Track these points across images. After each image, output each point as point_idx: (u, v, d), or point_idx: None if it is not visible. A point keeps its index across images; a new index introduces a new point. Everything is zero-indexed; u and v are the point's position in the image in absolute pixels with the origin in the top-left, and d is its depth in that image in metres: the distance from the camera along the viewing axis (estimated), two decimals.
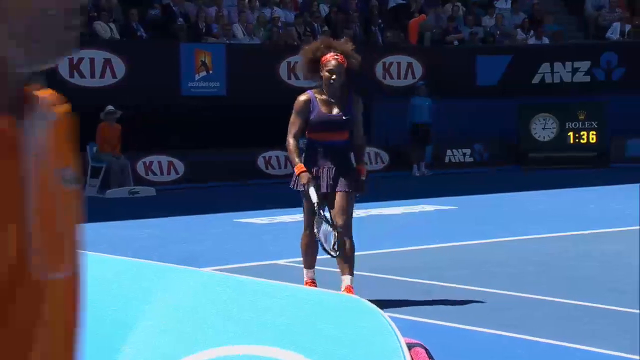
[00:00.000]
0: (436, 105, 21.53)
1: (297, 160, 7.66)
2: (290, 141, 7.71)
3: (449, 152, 23.73)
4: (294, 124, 7.74)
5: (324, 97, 7.69)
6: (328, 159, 7.72)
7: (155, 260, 2.60)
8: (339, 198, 7.70)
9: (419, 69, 23.58)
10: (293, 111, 7.75)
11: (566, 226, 12.81)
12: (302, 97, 7.76)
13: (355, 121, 7.84)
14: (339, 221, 7.61)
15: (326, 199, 7.73)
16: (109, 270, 2.83)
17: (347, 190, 7.69)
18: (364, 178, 7.87)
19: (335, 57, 7.59)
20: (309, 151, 7.97)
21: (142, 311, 2.59)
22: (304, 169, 7.58)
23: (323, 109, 7.67)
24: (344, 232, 7.63)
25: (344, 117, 7.68)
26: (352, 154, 8.06)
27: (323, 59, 7.60)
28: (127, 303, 2.65)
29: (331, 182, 7.69)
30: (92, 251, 3.05)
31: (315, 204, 7.57)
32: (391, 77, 23.43)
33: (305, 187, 7.55)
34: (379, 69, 23.07)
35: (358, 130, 7.92)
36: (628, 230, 12.09)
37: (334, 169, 7.71)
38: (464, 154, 24.23)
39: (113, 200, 17.73)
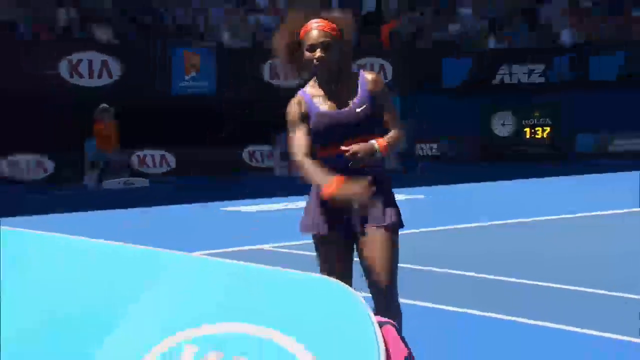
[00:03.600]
0: (405, 104, 21.54)
1: (319, 175, 4.10)
2: (302, 160, 4.20)
3: (417, 146, 23.79)
4: (296, 140, 4.30)
5: (319, 91, 4.34)
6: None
7: (150, 246, 2.62)
8: (379, 239, 4.19)
9: (389, 70, 23.64)
10: (288, 125, 4.38)
11: (516, 214, 12.82)
12: (291, 102, 4.37)
13: (383, 111, 4.33)
14: (380, 279, 4.17)
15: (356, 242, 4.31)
16: (110, 255, 2.81)
17: (388, 225, 4.21)
18: (376, 147, 4.21)
19: (319, 24, 4.24)
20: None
21: (137, 293, 2.58)
22: (341, 179, 4.02)
23: (322, 108, 4.28)
24: (388, 297, 4.20)
25: (357, 110, 4.21)
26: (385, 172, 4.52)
27: (301, 34, 4.28)
28: (123, 286, 2.64)
29: (362, 215, 4.21)
30: (90, 237, 3.03)
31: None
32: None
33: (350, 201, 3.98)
34: (353, 70, 22.97)
35: (393, 122, 4.36)
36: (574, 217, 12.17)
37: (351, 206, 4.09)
38: (431, 148, 24.42)
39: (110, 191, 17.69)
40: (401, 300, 4.22)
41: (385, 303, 4.15)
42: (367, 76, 4.42)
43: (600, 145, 22.98)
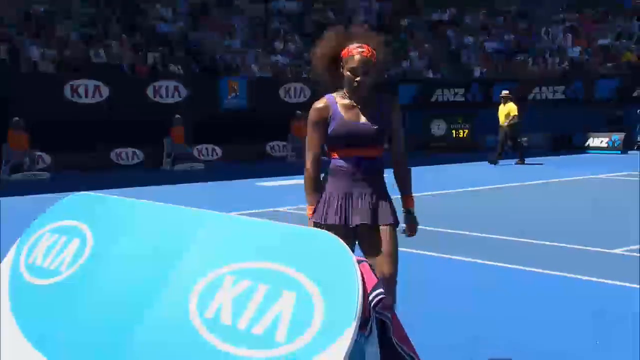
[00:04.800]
0: None
1: (310, 196, 3.45)
2: (308, 167, 3.49)
3: None
4: (311, 141, 3.52)
5: (346, 101, 3.49)
6: (359, 183, 3.44)
7: (207, 208, 2.56)
8: (383, 235, 3.41)
9: None
10: (308, 124, 3.54)
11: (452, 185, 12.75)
12: (318, 104, 3.52)
13: (392, 132, 3.53)
14: (387, 270, 3.35)
15: (356, 238, 3.43)
16: (171, 212, 2.71)
17: (392, 223, 3.43)
18: (412, 211, 3.56)
19: (360, 49, 3.41)
20: (331, 175, 3.48)
21: (189, 240, 2.47)
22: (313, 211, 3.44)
23: (346, 116, 3.45)
24: (391, 285, 3.34)
25: (374, 127, 3.43)
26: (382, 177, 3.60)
27: (344, 53, 3.45)
28: (179, 235, 2.53)
29: (366, 213, 3.40)
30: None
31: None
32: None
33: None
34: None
35: (397, 144, 3.58)
36: (491, 188, 12.09)
37: (366, 194, 3.43)
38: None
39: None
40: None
41: (389, 289, 3.26)
42: (387, 100, 3.55)
43: (516, 140, 23.15)
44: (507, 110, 17.26)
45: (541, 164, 17.69)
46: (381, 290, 2.05)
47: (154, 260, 2.49)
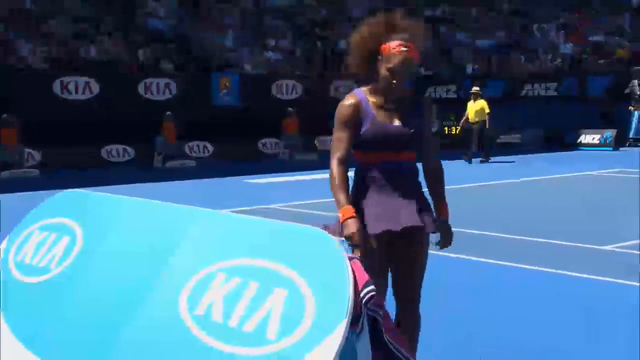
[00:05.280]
0: None
1: (342, 198, 2.92)
2: (334, 168, 2.98)
3: None
4: (338, 141, 3.03)
5: (379, 99, 3.07)
6: (393, 190, 3.01)
7: (197, 205, 2.54)
8: (418, 248, 3.08)
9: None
10: (335, 122, 3.09)
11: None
12: (348, 101, 3.09)
13: (425, 136, 3.14)
14: (412, 282, 3.11)
15: (391, 245, 3.01)
16: (161, 209, 2.71)
17: (433, 232, 3.08)
18: (447, 221, 3.15)
19: (404, 48, 2.98)
20: (361, 181, 3.08)
21: (181, 238, 2.47)
22: (353, 213, 2.87)
23: (379, 117, 3.04)
24: (416, 300, 3.14)
25: (408, 130, 3.05)
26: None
27: (384, 48, 3.01)
28: (171, 232, 2.53)
29: (411, 218, 2.99)
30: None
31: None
32: (338, 92, 23.38)
33: (355, 242, 2.82)
34: (332, 88, 23.06)
35: (430, 148, 3.19)
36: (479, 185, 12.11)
37: (406, 200, 3.02)
38: None
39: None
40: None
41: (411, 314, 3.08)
42: (427, 103, 3.21)
43: (492, 138, 23.08)
44: (478, 107, 17.17)
45: (513, 161, 17.59)
46: (372, 287, 2.05)
47: (145, 257, 2.48)
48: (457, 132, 23.29)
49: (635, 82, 23.36)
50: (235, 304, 2.11)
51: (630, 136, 22.48)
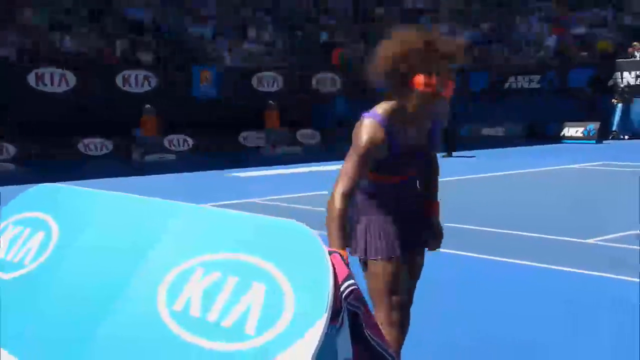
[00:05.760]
0: (351, 104, 21.49)
1: (339, 238, 2.54)
2: (338, 201, 2.62)
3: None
4: (356, 168, 2.67)
5: (402, 117, 2.79)
6: (407, 205, 2.94)
7: (178, 200, 2.52)
8: (420, 263, 3.07)
9: (338, 81, 23.52)
10: (354, 149, 2.72)
11: None
12: (373, 122, 2.76)
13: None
14: (414, 286, 3.11)
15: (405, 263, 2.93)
16: (141, 203, 2.69)
17: (429, 248, 3.11)
18: (439, 222, 3.12)
19: (440, 87, 2.74)
20: (370, 197, 2.89)
21: (160, 232, 2.46)
22: (347, 259, 2.25)
23: (404, 137, 2.81)
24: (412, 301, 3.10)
25: (432, 152, 3.05)
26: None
27: (418, 82, 2.72)
28: (150, 226, 2.51)
29: (423, 234, 3.05)
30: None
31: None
32: (319, 84, 23.34)
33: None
34: (313, 81, 23.06)
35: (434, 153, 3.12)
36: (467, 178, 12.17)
37: (413, 216, 2.98)
38: None
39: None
40: None
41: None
42: (444, 117, 2.98)
43: (473, 131, 23.18)
44: None
45: (473, 156, 17.54)
46: (353, 281, 2.05)
47: (122, 252, 2.47)
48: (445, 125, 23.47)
49: (619, 74, 23.59)
50: (213, 299, 2.10)
51: (614, 129, 22.68)
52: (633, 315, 4.56)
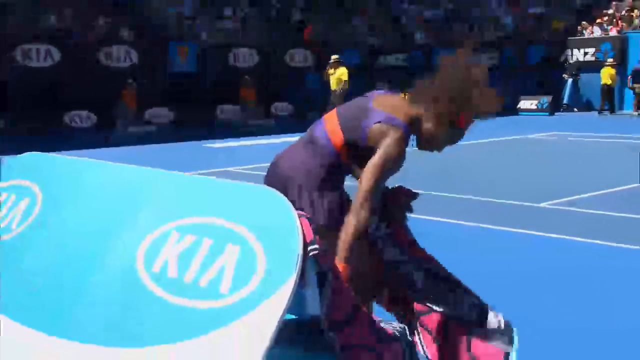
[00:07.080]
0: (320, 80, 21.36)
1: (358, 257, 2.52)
2: (365, 218, 2.52)
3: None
4: (381, 183, 2.61)
5: (412, 129, 2.73)
6: None
7: (158, 167, 2.49)
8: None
9: (310, 56, 23.39)
10: (388, 163, 2.58)
11: None
12: (405, 147, 2.67)
13: None
14: None
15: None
16: (122, 171, 2.65)
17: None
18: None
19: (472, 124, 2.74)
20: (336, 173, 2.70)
21: (139, 198, 2.43)
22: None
23: None
24: None
25: None
26: None
27: (460, 121, 2.75)
28: (129, 193, 2.48)
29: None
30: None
31: None
32: (292, 60, 23.13)
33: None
34: (287, 57, 22.86)
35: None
36: None
37: None
38: None
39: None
40: None
41: None
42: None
43: None
44: (338, 75, 15.79)
45: None
46: (317, 246, 2.06)
47: (103, 218, 2.44)
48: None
49: (569, 51, 23.76)
50: (189, 260, 2.10)
51: (565, 102, 22.93)
52: (571, 271, 4.63)
